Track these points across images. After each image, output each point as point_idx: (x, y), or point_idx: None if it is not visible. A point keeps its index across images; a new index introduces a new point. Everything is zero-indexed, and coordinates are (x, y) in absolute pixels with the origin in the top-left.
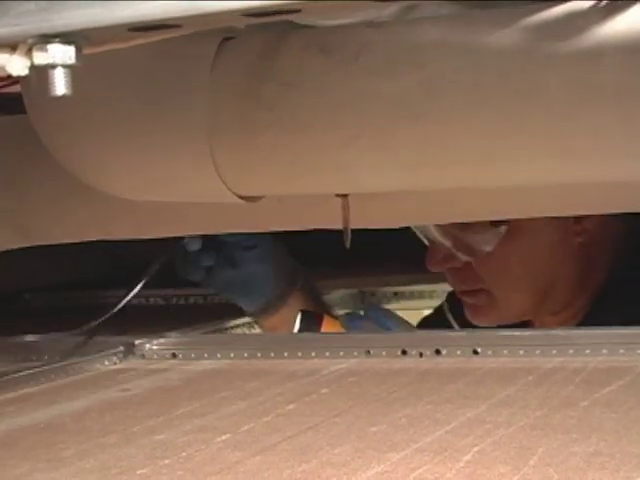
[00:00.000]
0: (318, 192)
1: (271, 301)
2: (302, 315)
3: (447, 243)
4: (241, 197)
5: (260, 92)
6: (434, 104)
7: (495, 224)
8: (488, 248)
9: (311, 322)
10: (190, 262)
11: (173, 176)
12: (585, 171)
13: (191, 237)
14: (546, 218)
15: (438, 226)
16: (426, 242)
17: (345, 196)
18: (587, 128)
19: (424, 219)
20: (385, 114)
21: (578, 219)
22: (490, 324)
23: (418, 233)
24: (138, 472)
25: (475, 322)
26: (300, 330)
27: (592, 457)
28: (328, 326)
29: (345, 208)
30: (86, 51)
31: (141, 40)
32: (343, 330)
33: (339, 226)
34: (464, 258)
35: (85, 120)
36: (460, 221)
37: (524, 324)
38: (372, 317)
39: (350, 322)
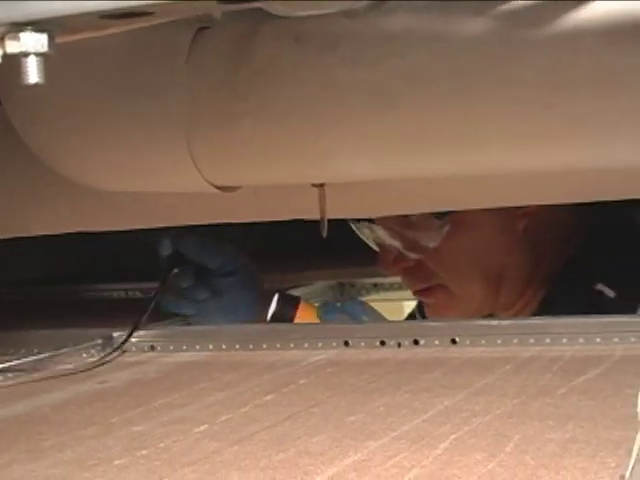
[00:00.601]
0: (295, 182)
1: None
2: (279, 296)
3: (396, 244)
4: (217, 187)
5: (236, 82)
6: (412, 92)
7: (439, 218)
8: (435, 243)
9: (287, 304)
10: (183, 297)
11: (150, 166)
12: (563, 157)
13: (182, 272)
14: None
15: (385, 228)
16: (374, 247)
17: (321, 186)
18: (565, 114)
19: (400, 209)
20: (363, 103)
21: (513, 220)
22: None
23: (366, 239)
24: (115, 463)
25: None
26: (275, 312)
27: (568, 443)
28: (304, 312)
29: (321, 198)
30: (59, 39)
31: (115, 29)
32: (316, 319)
33: (316, 216)
34: (414, 256)
35: (62, 112)
36: (436, 210)
37: None
38: (348, 310)
39: (325, 313)
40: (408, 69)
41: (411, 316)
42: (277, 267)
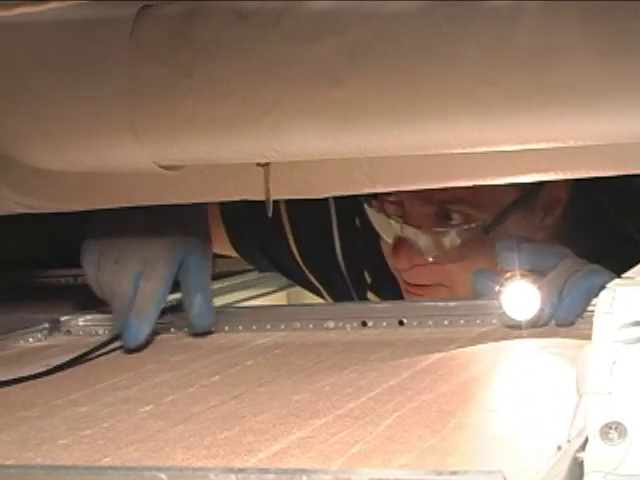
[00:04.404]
0: (239, 160)
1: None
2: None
3: (420, 241)
4: (162, 166)
5: (178, 59)
6: (354, 69)
7: (468, 224)
8: (459, 249)
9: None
10: None
11: (93, 145)
12: (502, 135)
13: None
14: (516, 220)
15: (415, 226)
16: (387, 238)
17: (266, 165)
18: (503, 92)
19: (346, 189)
20: (307, 79)
21: (543, 218)
22: None
23: (382, 230)
24: (59, 442)
25: None
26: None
27: (509, 416)
28: None
29: (266, 178)
30: None
31: (53, 3)
32: None
33: (261, 197)
34: (434, 256)
35: (1, 90)
36: (385, 190)
37: None
38: None
39: None
40: (349, 46)
41: None
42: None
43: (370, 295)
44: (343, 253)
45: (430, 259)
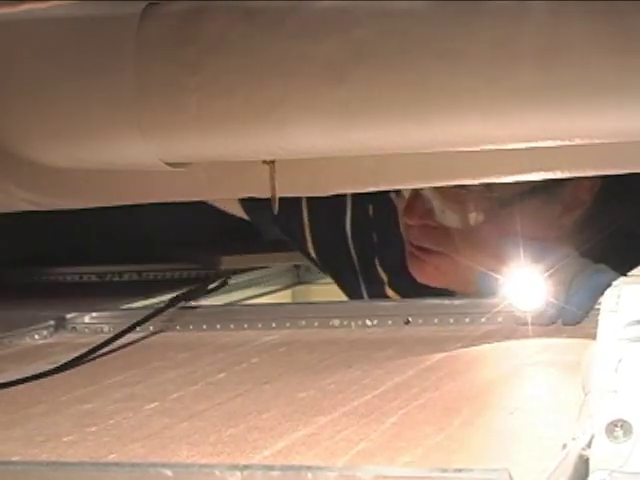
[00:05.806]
0: (245, 158)
1: None
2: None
3: (436, 202)
4: (168, 164)
5: (184, 56)
6: (360, 67)
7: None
8: (472, 223)
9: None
10: None
11: (100, 142)
12: (508, 133)
13: None
14: (533, 208)
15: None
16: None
17: (272, 163)
18: (509, 89)
19: (351, 187)
20: (313, 76)
21: (561, 215)
22: (435, 285)
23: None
24: (64, 439)
25: (421, 279)
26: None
27: (517, 413)
28: None
29: (272, 175)
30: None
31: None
32: None
33: (267, 194)
34: (450, 223)
35: (7, 85)
36: (390, 188)
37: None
38: None
39: None
40: (354, 44)
41: None
42: (233, 249)
43: (390, 292)
44: (354, 242)
45: (440, 221)
